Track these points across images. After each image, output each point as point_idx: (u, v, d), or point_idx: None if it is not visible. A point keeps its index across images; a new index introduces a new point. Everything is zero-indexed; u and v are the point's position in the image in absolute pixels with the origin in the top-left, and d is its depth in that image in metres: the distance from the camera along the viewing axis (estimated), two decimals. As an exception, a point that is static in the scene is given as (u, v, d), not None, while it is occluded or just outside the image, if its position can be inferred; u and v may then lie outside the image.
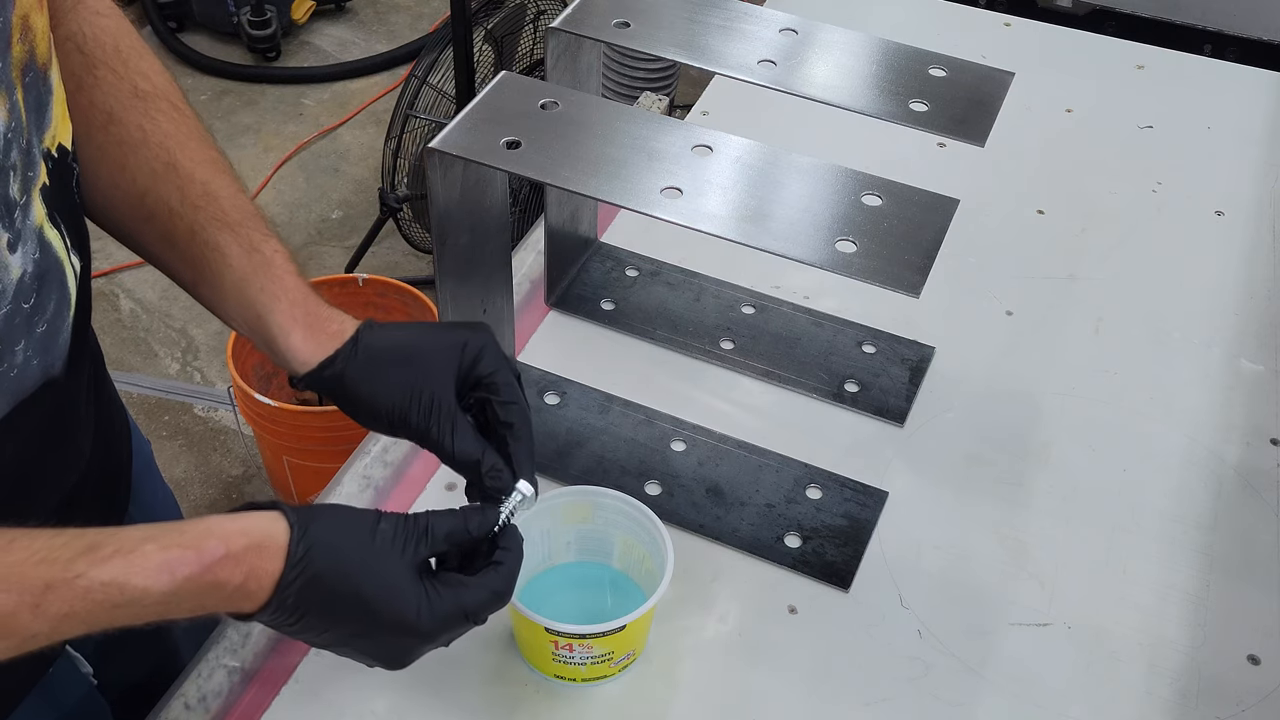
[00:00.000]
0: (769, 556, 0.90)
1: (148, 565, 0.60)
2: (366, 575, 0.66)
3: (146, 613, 0.62)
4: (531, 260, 1.14)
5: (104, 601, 0.60)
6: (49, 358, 0.70)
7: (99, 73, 0.77)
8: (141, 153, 0.77)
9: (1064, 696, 0.83)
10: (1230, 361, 1.08)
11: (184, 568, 0.61)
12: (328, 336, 0.76)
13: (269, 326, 0.76)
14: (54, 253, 0.69)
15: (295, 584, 0.64)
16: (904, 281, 0.73)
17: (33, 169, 0.66)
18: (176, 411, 2.33)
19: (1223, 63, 1.48)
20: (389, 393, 0.75)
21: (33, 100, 0.66)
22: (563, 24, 0.91)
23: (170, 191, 0.77)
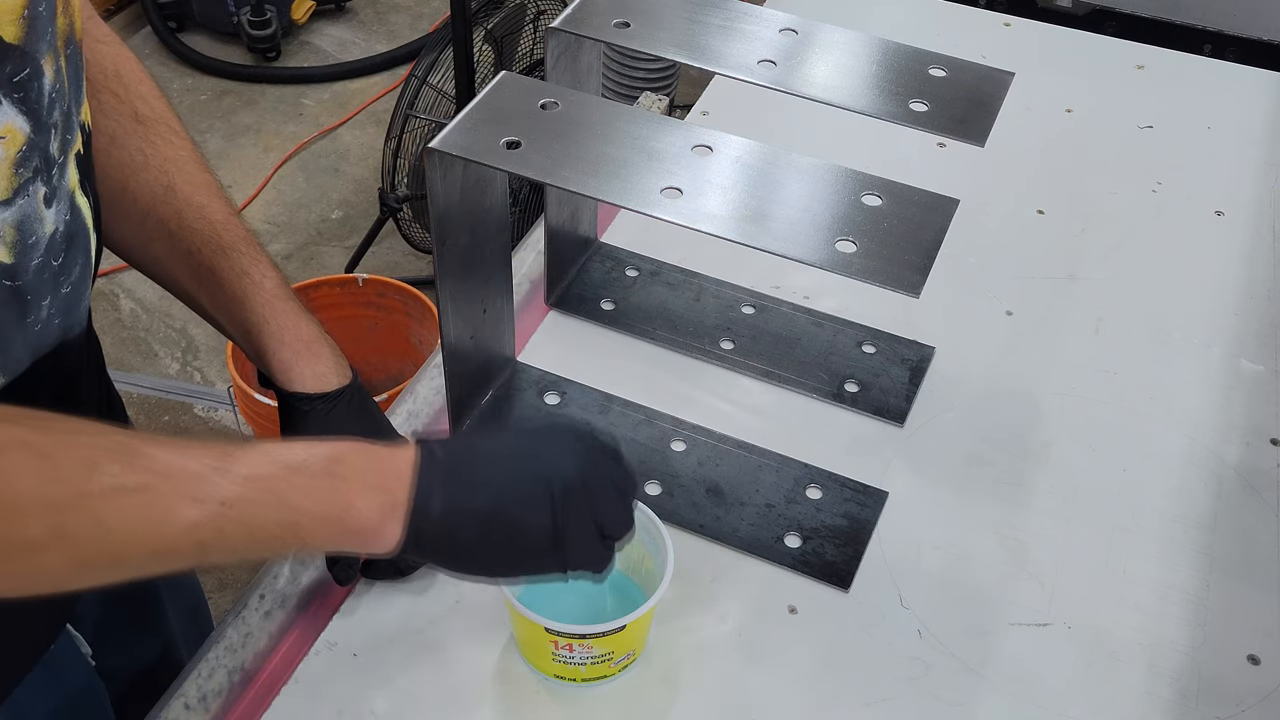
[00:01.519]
0: (769, 556, 0.90)
1: (301, 441, 0.65)
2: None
3: (321, 485, 0.63)
4: (531, 260, 1.14)
5: (280, 463, 0.62)
6: (69, 320, 0.72)
7: (102, 97, 0.80)
8: (142, 176, 0.81)
9: (1064, 696, 0.83)
10: (1230, 361, 1.08)
11: (334, 442, 0.65)
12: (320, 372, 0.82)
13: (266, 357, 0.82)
14: (82, 218, 0.71)
15: (432, 441, 0.67)
16: (904, 281, 0.73)
17: (71, 133, 0.69)
18: (176, 411, 2.32)
19: (1223, 63, 1.48)
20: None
21: (72, 71, 0.68)
22: (563, 24, 0.91)
23: (169, 214, 0.81)
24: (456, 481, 0.66)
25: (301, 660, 0.83)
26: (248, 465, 0.61)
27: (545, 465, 0.68)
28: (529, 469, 0.68)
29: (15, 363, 0.68)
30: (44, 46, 0.64)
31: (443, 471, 0.66)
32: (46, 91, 0.65)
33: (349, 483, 0.64)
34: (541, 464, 0.68)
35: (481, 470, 0.67)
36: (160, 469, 0.59)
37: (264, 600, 0.85)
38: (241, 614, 0.84)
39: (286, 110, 3.04)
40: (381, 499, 0.64)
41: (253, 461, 0.62)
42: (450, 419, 0.97)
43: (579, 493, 0.68)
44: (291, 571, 0.88)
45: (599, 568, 0.71)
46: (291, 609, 0.86)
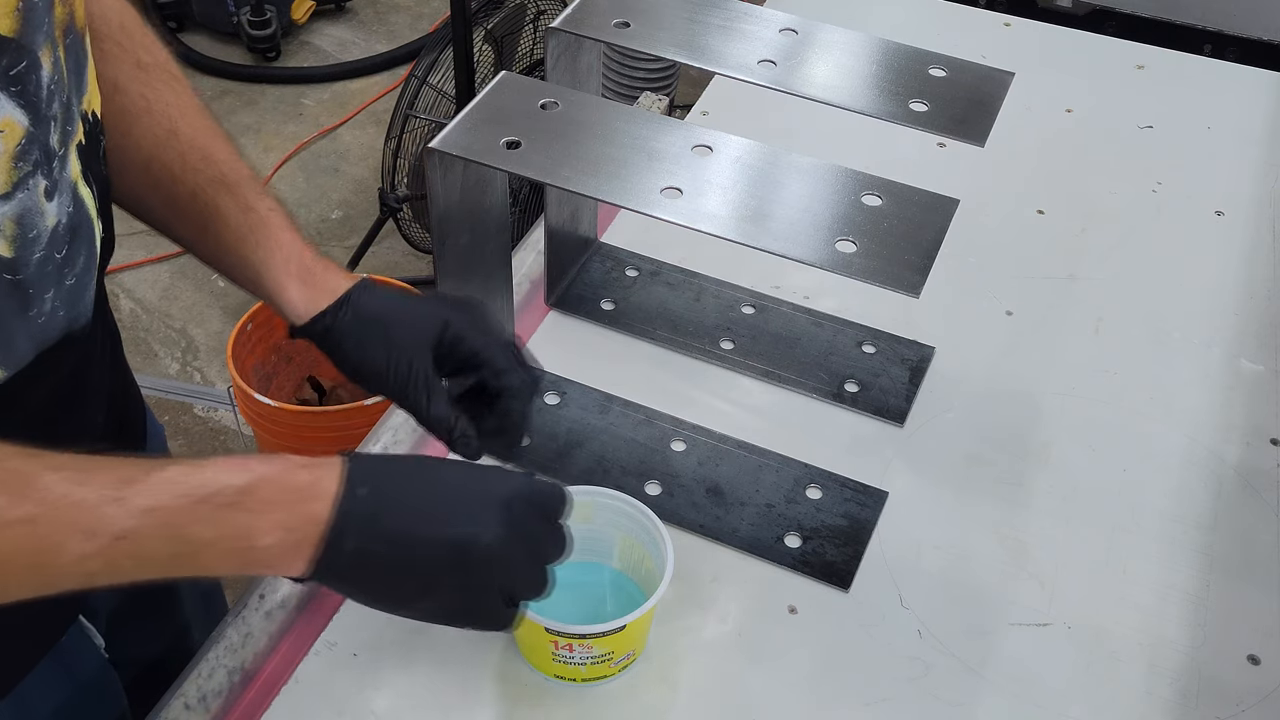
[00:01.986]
0: (769, 556, 0.90)
1: (219, 463, 0.63)
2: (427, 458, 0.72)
3: (227, 519, 0.61)
4: (531, 260, 1.14)
5: (185, 494, 0.60)
6: (74, 311, 0.72)
7: (105, 46, 0.80)
8: (144, 121, 0.81)
9: (1064, 696, 0.83)
10: (1230, 361, 1.08)
11: (254, 466, 0.63)
12: (321, 292, 0.81)
13: (266, 281, 0.81)
14: (86, 210, 0.71)
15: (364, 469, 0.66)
16: (904, 281, 0.73)
17: (71, 124, 0.69)
18: (176, 411, 2.32)
19: (1223, 63, 1.48)
20: (371, 354, 0.80)
21: (73, 61, 0.68)
22: (563, 24, 0.91)
23: (172, 157, 0.81)
24: (372, 531, 0.65)
25: (301, 660, 0.83)
26: (149, 495, 0.60)
27: (465, 533, 0.67)
28: (449, 534, 0.67)
29: (18, 356, 0.68)
30: (41, 38, 0.63)
31: (360, 519, 0.64)
32: (45, 83, 0.64)
33: (257, 516, 0.62)
34: (462, 531, 0.67)
35: (401, 524, 0.66)
36: (52, 499, 0.58)
37: (264, 600, 0.85)
38: (241, 614, 0.84)
39: (286, 110, 3.05)
40: (289, 536, 0.63)
41: (155, 491, 0.60)
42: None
43: (494, 562, 0.68)
44: (291, 571, 0.88)
45: (500, 628, 0.72)
46: (291, 609, 0.86)
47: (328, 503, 0.64)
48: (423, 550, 0.66)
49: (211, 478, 0.62)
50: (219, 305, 2.52)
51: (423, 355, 0.79)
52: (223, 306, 2.52)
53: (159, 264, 2.59)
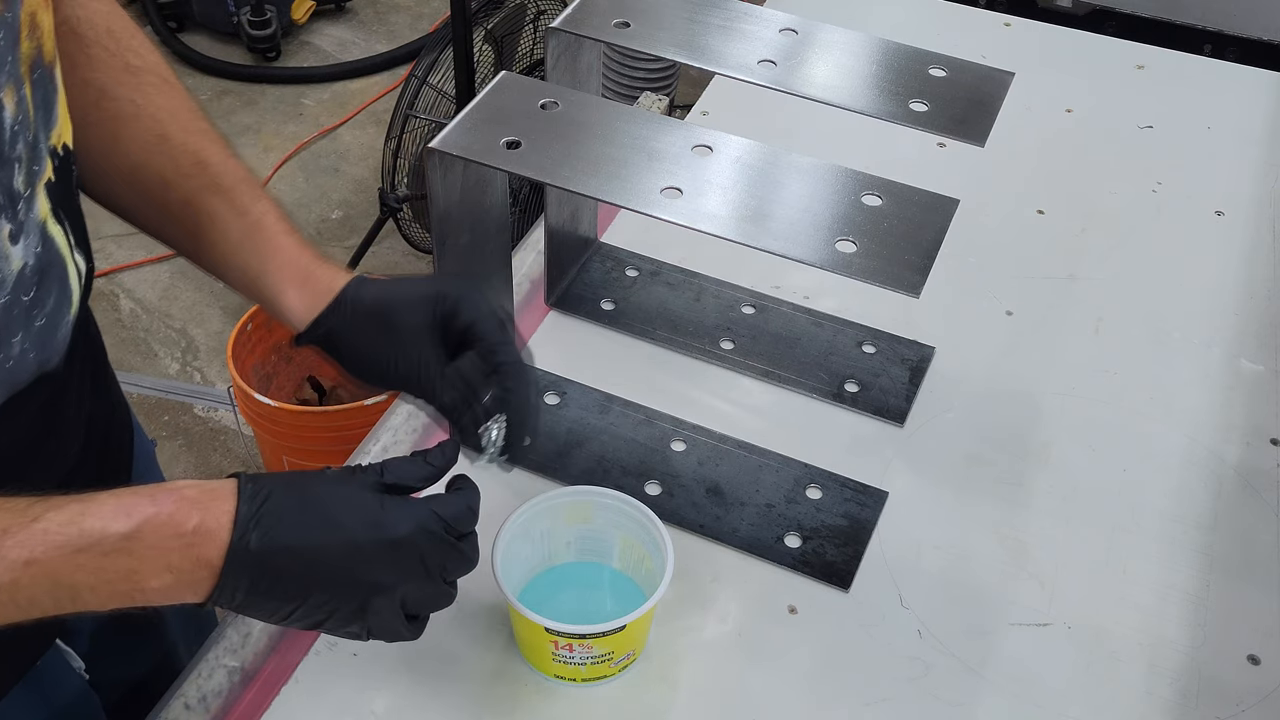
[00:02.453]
0: (769, 556, 0.90)
1: (104, 508, 0.61)
2: (324, 488, 0.66)
3: (111, 565, 0.60)
4: (531, 260, 1.14)
5: (64, 545, 0.59)
6: (46, 352, 0.70)
7: (92, 51, 0.78)
8: (133, 126, 0.78)
9: (1064, 696, 0.83)
10: (1230, 361, 1.08)
11: (140, 509, 0.61)
12: (320, 295, 0.78)
13: (264, 288, 0.79)
14: (56, 249, 0.70)
15: (255, 509, 0.63)
16: (904, 281, 0.73)
17: (39, 163, 0.67)
18: (176, 411, 2.32)
19: (1223, 63, 1.48)
20: (373, 350, 0.78)
21: (40, 97, 0.67)
22: (563, 24, 0.91)
23: (163, 163, 0.78)
24: (263, 575, 0.63)
25: (301, 660, 0.83)
26: (27, 548, 0.58)
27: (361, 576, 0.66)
28: (344, 577, 0.65)
29: None
30: (3, 79, 0.62)
31: (253, 566, 0.63)
32: (7, 125, 0.63)
33: (144, 561, 0.61)
34: (359, 575, 0.66)
35: (293, 568, 0.64)
36: None
37: (264, 600, 0.85)
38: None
39: (286, 110, 3.05)
40: (179, 577, 0.62)
41: (33, 543, 0.59)
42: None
43: (389, 591, 0.67)
44: (291, 571, 0.87)
45: (403, 639, 0.70)
46: (291, 609, 0.86)
47: (219, 547, 0.62)
48: (316, 592, 0.65)
49: (93, 526, 0.60)
50: (219, 305, 2.52)
51: (424, 340, 0.77)
52: (223, 306, 2.52)
53: (159, 264, 2.59)
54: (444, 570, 0.68)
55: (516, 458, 0.79)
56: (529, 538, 0.85)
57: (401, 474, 0.69)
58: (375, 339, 0.78)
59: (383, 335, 0.77)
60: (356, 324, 0.78)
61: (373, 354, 0.78)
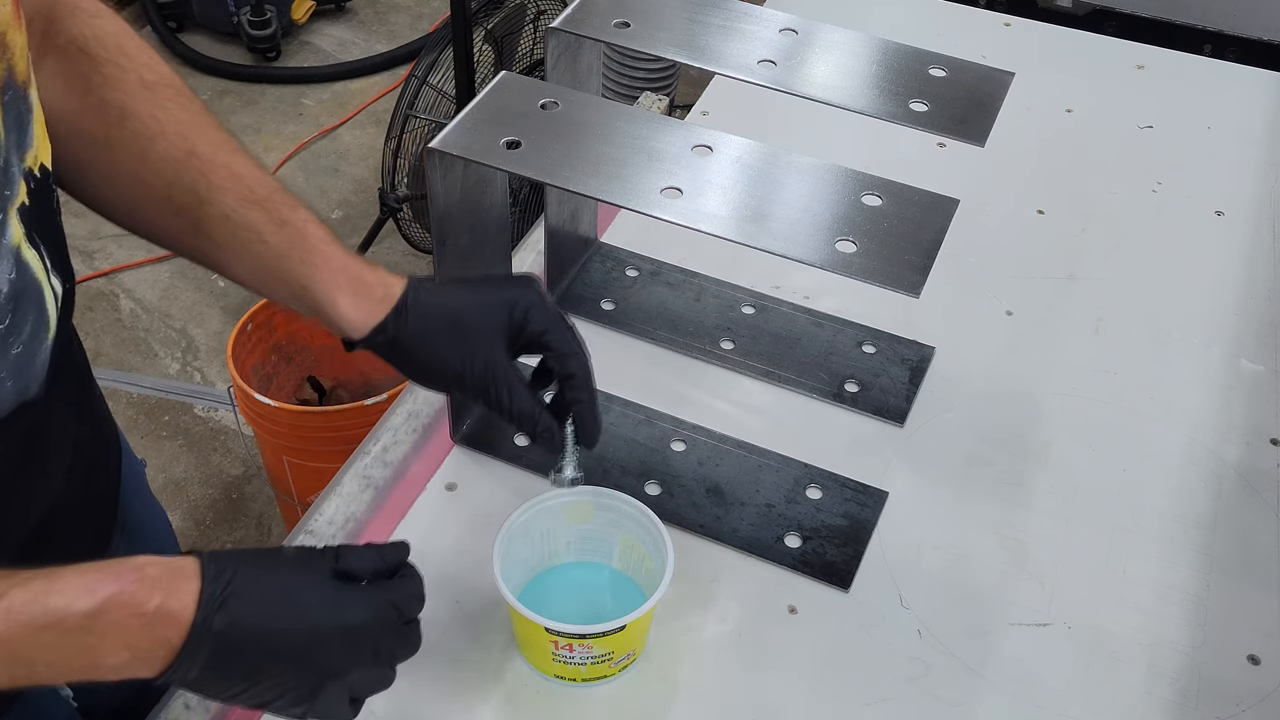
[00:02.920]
0: (769, 556, 0.90)
1: (67, 586, 0.60)
2: (285, 571, 0.67)
3: (71, 642, 0.60)
4: (531, 260, 1.14)
5: (27, 623, 0.59)
6: (24, 380, 0.69)
7: (106, 70, 0.77)
8: (160, 143, 0.77)
9: (1064, 696, 0.83)
10: (1230, 361, 1.08)
11: (103, 587, 0.61)
12: (375, 301, 0.78)
13: (314, 297, 0.78)
14: (31, 274, 0.68)
15: (219, 591, 0.63)
16: (904, 281, 0.73)
17: (10, 188, 0.66)
18: (176, 411, 2.32)
19: (1223, 63, 1.48)
20: (443, 357, 0.78)
21: (12, 119, 0.66)
22: (563, 24, 0.91)
23: (195, 179, 0.77)
24: (222, 656, 0.63)
25: (301, 660, 0.83)
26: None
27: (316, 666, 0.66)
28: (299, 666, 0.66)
29: None
30: None
31: (210, 649, 0.63)
32: None
33: (103, 639, 0.61)
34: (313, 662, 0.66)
35: (255, 650, 0.64)
36: None
37: (264, 600, 0.85)
38: (241, 614, 0.84)
39: (286, 110, 3.04)
40: (137, 654, 0.62)
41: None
42: (450, 419, 0.97)
43: (342, 680, 0.67)
44: (291, 571, 0.87)
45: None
46: (291, 609, 0.86)
47: (181, 628, 0.62)
48: (273, 675, 0.65)
49: (56, 605, 0.60)
50: (219, 305, 2.52)
51: (496, 347, 0.78)
52: (223, 306, 2.52)
53: (159, 264, 2.59)
54: (393, 657, 0.70)
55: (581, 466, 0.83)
56: (529, 538, 0.85)
57: (354, 564, 0.68)
58: (442, 344, 0.78)
59: (451, 341, 0.78)
60: (422, 329, 0.78)
61: (439, 359, 0.79)
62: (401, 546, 0.71)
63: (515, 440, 0.97)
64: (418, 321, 0.78)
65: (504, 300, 0.79)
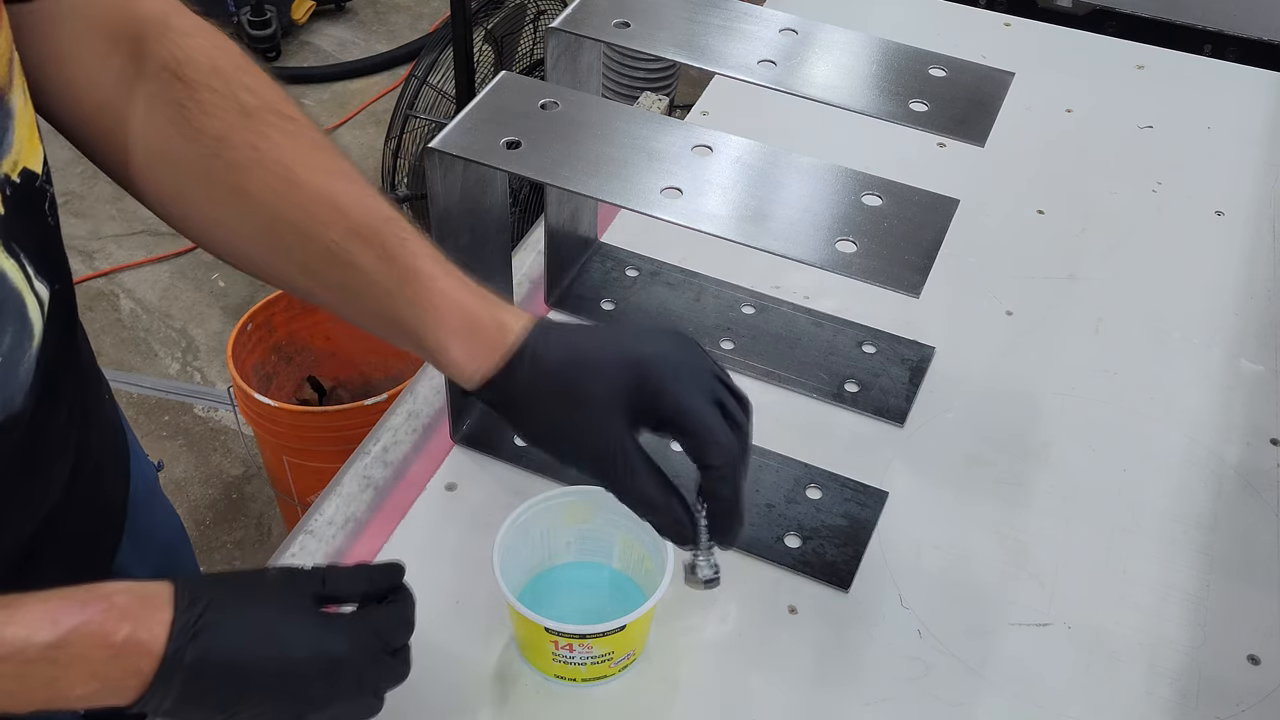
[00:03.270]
0: (769, 556, 0.90)
1: (29, 615, 0.58)
2: (263, 599, 0.64)
3: (34, 674, 0.58)
4: (531, 260, 1.14)
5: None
6: (7, 391, 0.66)
7: (200, 95, 0.71)
8: (258, 174, 0.71)
9: (1064, 696, 0.83)
10: (1230, 361, 1.08)
11: (67, 617, 0.59)
12: (490, 346, 0.70)
13: (425, 343, 0.71)
14: (10, 284, 0.65)
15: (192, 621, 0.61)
16: (904, 281, 0.73)
17: None
18: (176, 411, 2.32)
19: (1223, 63, 1.48)
20: (556, 420, 0.69)
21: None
22: (563, 24, 0.91)
23: (298, 214, 0.71)
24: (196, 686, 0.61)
25: (301, 660, 0.83)
26: None
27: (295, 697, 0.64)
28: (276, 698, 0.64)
29: None
30: None
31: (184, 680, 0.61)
32: None
33: (68, 670, 0.59)
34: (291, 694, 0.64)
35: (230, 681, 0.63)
36: None
37: (264, 600, 0.85)
38: (241, 614, 0.84)
39: (286, 110, 3.04)
40: (106, 685, 0.60)
41: None
42: (450, 419, 0.97)
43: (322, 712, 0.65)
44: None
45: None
46: (291, 609, 0.86)
47: (152, 659, 0.60)
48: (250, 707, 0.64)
49: (16, 635, 0.58)
50: (219, 305, 2.52)
51: (616, 418, 0.68)
52: (223, 306, 2.52)
53: (159, 264, 2.59)
54: (377, 687, 0.68)
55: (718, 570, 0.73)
56: (529, 538, 0.85)
57: (341, 588, 0.67)
58: (558, 407, 0.69)
59: (567, 404, 0.68)
60: (536, 387, 0.69)
61: (554, 425, 0.70)
62: (394, 569, 0.69)
63: (515, 440, 0.97)
64: (535, 375, 0.69)
65: (631, 361, 0.68)
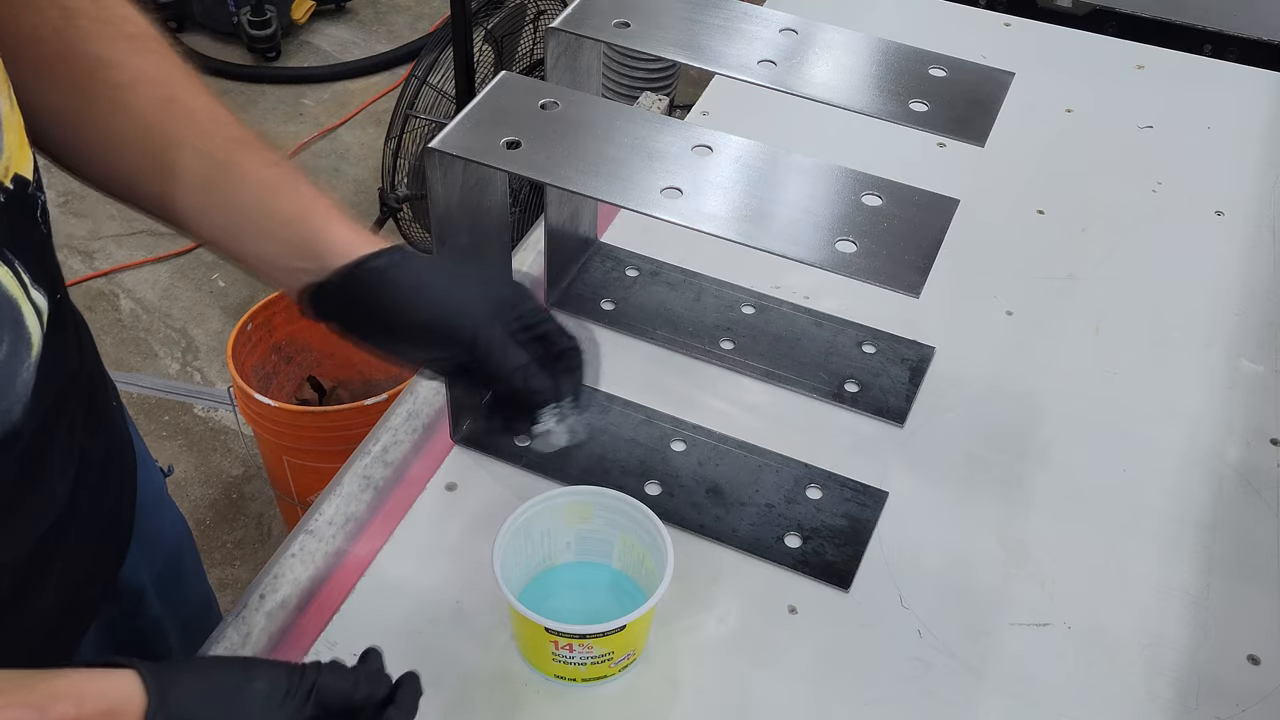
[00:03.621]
0: (769, 556, 0.90)
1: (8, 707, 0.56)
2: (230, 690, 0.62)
3: None
4: (531, 260, 1.14)
5: None
6: (5, 402, 0.65)
7: (80, 23, 0.73)
8: (140, 89, 0.74)
9: (1064, 696, 0.83)
10: (1230, 361, 1.08)
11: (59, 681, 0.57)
12: (371, 238, 0.75)
13: (305, 224, 0.74)
14: (4, 291, 0.64)
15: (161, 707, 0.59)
16: (904, 281, 0.73)
17: None
18: (176, 411, 2.32)
19: (1223, 63, 1.48)
20: (437, 299, 0.74)
21: None
22: (563, 24, 0.91)
23: (173, 125, 0.74)
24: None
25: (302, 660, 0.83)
26: None
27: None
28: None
29: None
30: None
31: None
32: None
33: None
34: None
35: None
36: None
37: (264, 600, 0.86)
38: (241, 614, 0.84)
39: (286, 110, 3.04)
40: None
41: None
42: (450, 419, 0.97)
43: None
44: (292, 571, 0.88)
45: None
46: (291, 609, 0.86)
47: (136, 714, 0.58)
48: None
49: None
50: (219, 305, 2.52)
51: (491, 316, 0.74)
52: (223, 306, 2.52)
53: (159, 264, 2.59)
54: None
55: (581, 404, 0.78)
56: (529, 538, 0.85)
57: (334, 695, 0.65)
58: (440, 291, 0.74)
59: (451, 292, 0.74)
60: (415, 271, 0.74)
61: (431, 304, 0.74)
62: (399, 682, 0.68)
63: (515, 440, 0.97)
64: (412, 262, 0.74)
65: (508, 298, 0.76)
